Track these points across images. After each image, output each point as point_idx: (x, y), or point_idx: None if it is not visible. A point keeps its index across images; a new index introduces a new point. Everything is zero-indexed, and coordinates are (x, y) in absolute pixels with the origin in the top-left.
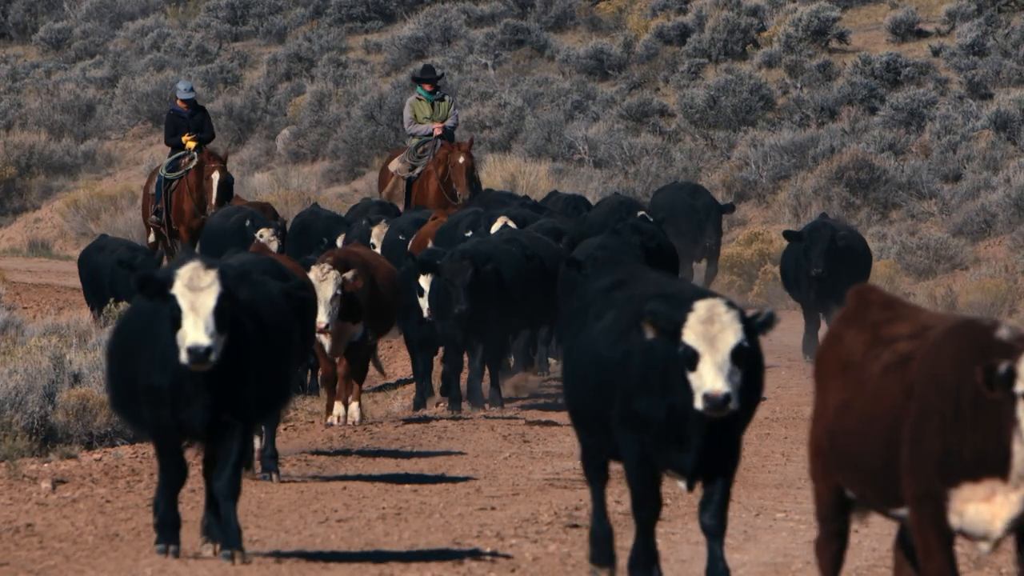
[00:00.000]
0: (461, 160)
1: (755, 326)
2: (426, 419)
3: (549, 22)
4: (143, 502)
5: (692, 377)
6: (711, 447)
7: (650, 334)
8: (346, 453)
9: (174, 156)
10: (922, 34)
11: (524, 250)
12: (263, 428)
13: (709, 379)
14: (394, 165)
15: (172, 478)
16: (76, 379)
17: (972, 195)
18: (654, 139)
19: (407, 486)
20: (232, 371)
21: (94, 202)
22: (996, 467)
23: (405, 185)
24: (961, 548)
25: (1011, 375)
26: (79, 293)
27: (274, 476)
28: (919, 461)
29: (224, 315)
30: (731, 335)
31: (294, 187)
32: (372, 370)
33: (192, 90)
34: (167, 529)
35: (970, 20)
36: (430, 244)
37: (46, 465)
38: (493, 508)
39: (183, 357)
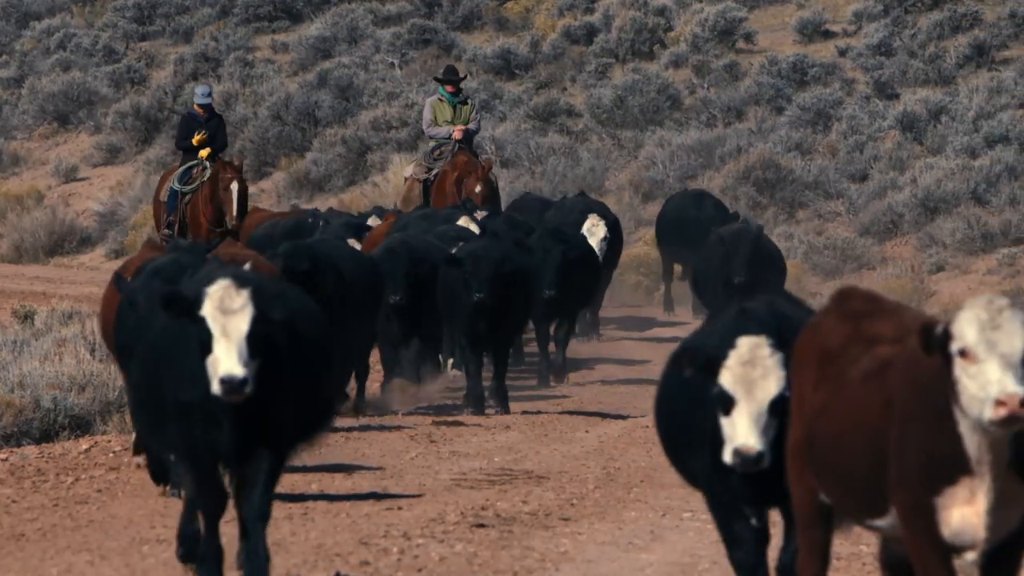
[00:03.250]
0: (478, 190)
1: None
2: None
3: (456, 22)
4: (49, 502)
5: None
6: None
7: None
8: None
9: (186, 166)
10: (829, 34)
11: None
12: None
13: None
14: (409, 169)
15: (210, 506)
16: None
17: (879, 195)
18: (561, 139)
19: (314, 486)
20: (266, 395)
21: (0, 202)
22: (963, 463)
23: (421, 188)
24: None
25: (946, 335)
26: None
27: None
28: (905, 475)
29: (258, 339)
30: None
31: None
32: None
33: (210, 95)
34: (209, 561)
35: (876, 21)
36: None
37: None
38: (400, 508)
39: (215, 388)
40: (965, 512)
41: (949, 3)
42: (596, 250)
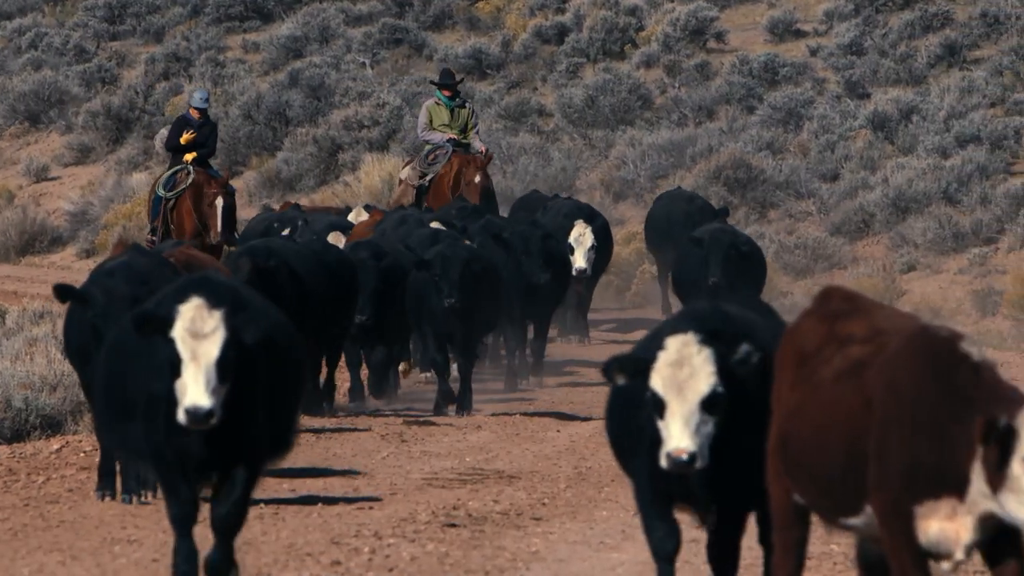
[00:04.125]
0: (477, 179)
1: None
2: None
3: (427, 21)
4: (20, 502)
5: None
6: None
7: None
8: None
9: (171, 171)
10: (800, 34)
11: (322, 255)
12: None
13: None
14: (404, 173)
15: (180, 513)
16: None
17: (850, 194)
18: (532, 138)
19: (284, 485)
20: (236, 414)
21: None
22: (954, 486)
23: (415, 194)
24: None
25: (1011, 433)
26: None
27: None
28: (885, 477)
29: (229, 364)
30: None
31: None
32: None
33: (207, 101)
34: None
35: (848, 20)
36: None
37: None
38: (371, 508)
39: (180, 416)
40: (945, 526)
41: (920, 3)
42: (584, 259)
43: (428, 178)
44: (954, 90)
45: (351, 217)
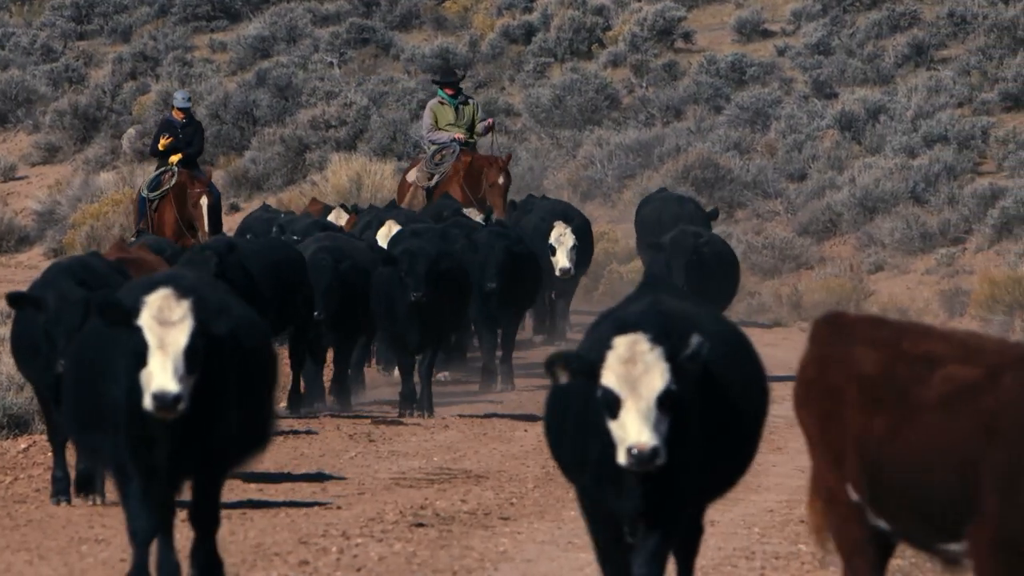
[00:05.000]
0: (501, 180)
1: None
2: None
3: (395, 21)
4: None
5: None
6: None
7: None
8: None
9: (157, 172)
10: (767, 34)
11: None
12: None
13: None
14: (411, 175)
15: (144, 522)
16: None
17: (817, 194)
18: (500, 138)
19: (252, 485)
20: (204, 410)
21: None
22: None
23: (424, 195)
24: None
25: None
26: None
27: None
28: (1014, 511)
29: (196, 354)
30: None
31: (139, 186)
32: None
33: (189, 100)
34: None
35: (815, 20)
36: None
37: None
38: (339, 507)
39: (147, 402)
40: None
41: (887, 2)
42: (567, 259)
43: (435, 179)
44: (921, 90)
45: (331, 218)
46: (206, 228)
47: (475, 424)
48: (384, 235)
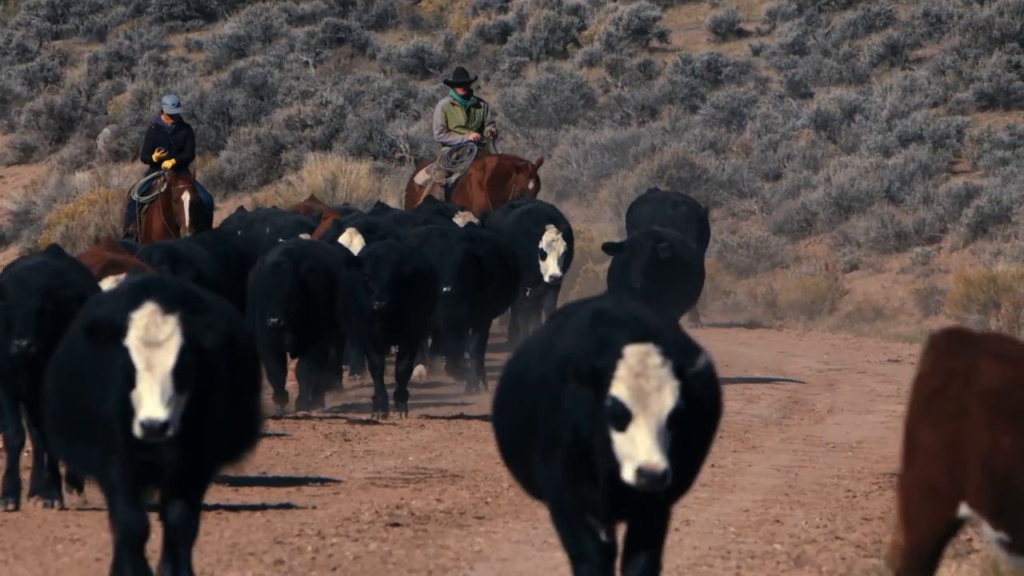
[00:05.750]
0: (531, 186)
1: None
2: None
3: (370, 21)
4: None
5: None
6: None
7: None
8: None
9: (148, 177)
10: (743, 33)
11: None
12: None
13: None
14: (422, 177)
15: (127, 527)
16: None
17: (792, 194)
18: None
19: (227, 485)
20: (192, 421)
21: None
22: None
23: (444, 192)
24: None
25: None
26: None
27: (56, 503)
28: None
29: (185, 372)
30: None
31: (115, 186)
32: None
33: (179, 105)
34: None
35: (790, 20)
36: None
37: None
38: (314, 507)
39: (136, 429)
40: None
41: (863, 2)
42: (557, 266)
43: (455, 176)
44: (896, 89)
45: (343, 240)
46: (187, 223)
47: (450, 424)
48: (345, 242)
